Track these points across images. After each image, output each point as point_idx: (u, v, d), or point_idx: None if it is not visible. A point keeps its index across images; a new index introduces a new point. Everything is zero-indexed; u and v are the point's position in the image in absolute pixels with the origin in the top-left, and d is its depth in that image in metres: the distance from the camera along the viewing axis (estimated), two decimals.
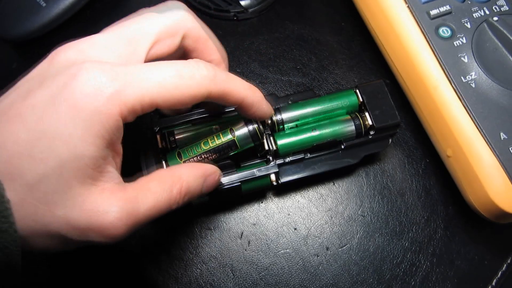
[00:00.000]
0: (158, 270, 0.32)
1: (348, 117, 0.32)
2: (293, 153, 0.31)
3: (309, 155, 0.31)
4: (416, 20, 0.33)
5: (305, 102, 0.32)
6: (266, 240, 0.33)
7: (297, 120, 0.32)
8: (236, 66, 0.39)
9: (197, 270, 0.32)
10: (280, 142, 0.31)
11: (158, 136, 0.30)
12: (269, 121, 0.31)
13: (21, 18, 0.39)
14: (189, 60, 0.24)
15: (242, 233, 0.33)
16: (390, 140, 0.33)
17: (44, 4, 0.39)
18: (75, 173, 0.21)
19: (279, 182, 0.31)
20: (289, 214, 0.34)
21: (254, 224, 0.34)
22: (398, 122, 0.31)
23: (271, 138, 0.31)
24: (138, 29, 0.25)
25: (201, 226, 0.34)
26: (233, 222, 0.34)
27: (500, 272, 0.33)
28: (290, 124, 0.32)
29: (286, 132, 0.31)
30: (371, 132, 0.31)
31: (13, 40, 0.40)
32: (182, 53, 0.28)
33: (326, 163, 0.32)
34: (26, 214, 0.21)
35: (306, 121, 0.32)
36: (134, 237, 0.33)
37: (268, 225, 0.34)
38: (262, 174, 0.30)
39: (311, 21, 0.42)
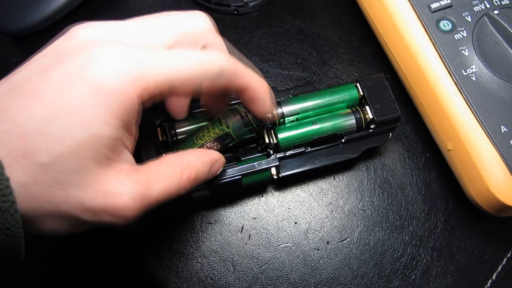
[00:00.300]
0: (159, 264, 0.32)
1: (349, 110, 0.32)
2: (294, 147, 0.31)
3: (309, 149, 0.31)
4: (416, 13, 0.33)
5: (306, 95, 0.32)
6: (267, 234, 0.33)
7: (298, 113, 0.32)
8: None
9: (198, 264, 0.32)
10: (281, 135, 0.31)
11: (158, 130, 0.30)
12: (270, 115, 0.31)
13: (21, 11, 0.39)
14: (211, 50, 0.24)
15: (243, 227, 0.33)
16: (390, 134, 0.33)
17: None
18: (92, 153, 0.21)
19: (280, 175, 0.31)
20: (289, 208, 0.34)
21: (255, 218, 0.34)
22: (398, 116, 0.31)
23: (272, 131, 0.31)
24: (161, 24, 0.25)
25: (202, 220, 0.34)
26: (233, 216, 0.34)
27: (500, 266, 0.33)
28: (291, 118, 0.32)
29: (287, 125, 0.31)
30: (372, 126, 0.31)
31: (14, 34, 0.40)
32: None
33: (327, 157, 0.32)
34: (39, 194, 0.20)
35: (307, 115, 0.32)
36: (134, 230, 0.33)
37: (269, 219, 0.34)
38: (262, 167, 0.30)
39: (311, 15, 0.41)
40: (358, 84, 0.32)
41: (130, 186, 0.22)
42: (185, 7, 0.42)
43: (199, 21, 0.26)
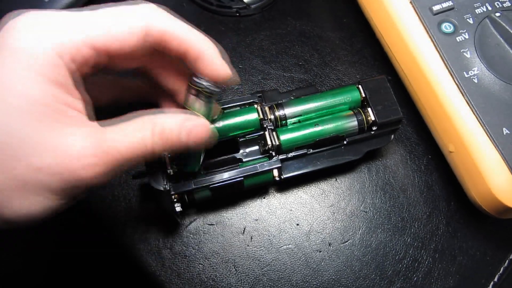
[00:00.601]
0: (161, 266, 0.32)
1: (351, 112, 0.32)
2: (296, 149, 0.31)
3: (311, 150, 0.31)
4: (418, 15, 0.33)
5: (308, 97, 0.32)
6: (269, 236, 0.33)
7: (300, 115, 0.32)
8: (238, 62, 0.39)
9: (200, 265, 0.32)
10: (283, 137, 0.31)
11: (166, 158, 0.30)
12: (272, 116, 0.31)
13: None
14: (137, 4, 0.24)
15: (245, 228, 0.33)
16: (392, 136, 0.33)
17: (46, 0, 0.39)
18: (35, 115, 0.20)
19: (282, 177, 0.31)
20: (291, 210, 0.34)
21: (257, 220, 0.34)
22: (400, 118, 0.31)
23: (274, 133, 0.31)
24: (88, 15, 0.23)
25: (204, 222, 0.34)
26: (235, 218, 0.34)
27: (502, 268, 0.33)
28: (293, 120, 0.32)
29: (289, 127, 0.31)
30: (374, 128, 0.31)
31: None
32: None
33: (329, 158, 0.32)
34: (2, 174, 0.20)
35: (309, 117, 0.32)
36: (136, 232, 0.33)
37: (271, 220, 0.34)
38: (264, 169, 0.30)
39: (313, 18, 0.42)
40: (360, 86, 0.32)
41: (87, 141, 0.21)
42: (187, 9, 0.42)
43: (133, 8, 0.24)
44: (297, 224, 0.34)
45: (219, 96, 0.34)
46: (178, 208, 0.29)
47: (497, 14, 0.32)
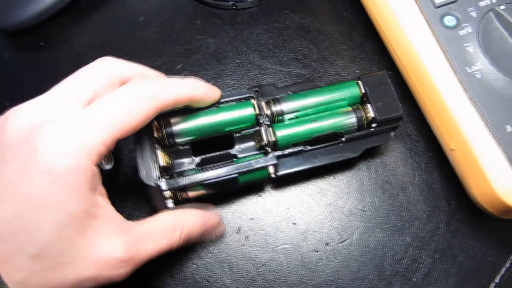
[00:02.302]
0: (154, 266, 0.32)
1: (350, 108, 0.31)
2: (292, 145, 0.30)
3: (308, 147, 0.30)
4: (420, 8, 0.32)
5: (306, 92, 0.31)
6: (264, 235, 0.32)
7: (297, 111, 0.31)
8: (234, 56, 0.38)
9: (193, 265, 0.32)
10: (279, 133, 0.30)
11: (154, 124, 0.29)
12: (269, 112, 0.30)
13: (14, 7, 0.38)
14: (128, 85, 0.25)
15: (240, 227, 0.33)
16: (392, 134, 0.32)
17: None
18: (73, 229, 0.22)
19: (277, 174, 0.30)
20: (288, 209, 0.33)
21: (252, 219, 0.33)
22: (401, 115, 0.30)
23: (270, 129, 0.30)
24: (72, 85, 0.26)
25: None
26: (230, 217, 0.33)
27: (504, 269, 0.32)
28: (290, 116, 0.31)
29: (286, 123, 0.31)
30: (373, 125, 0.30)
31: (6, 29, 0.39)
32: None
33: (326, 156, 0.31)
34: (37, 284, 0.21)
35: (306, 113, 0.31)
36: None
37: (267, 219, 0.33)
38: (260, 165, 0.29)
39: (311, 11, 0.41)
40: (359, 82, 0.31)
41: (123, 249, 0.23)
42: (182, 3, 0.41)
43: (103, 67, 0.27)
44: (294, 223, 0.33)
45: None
46: (170, 205, 0.28)
47: (502, 7, 0.31)
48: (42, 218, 0.21)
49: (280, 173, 0.30)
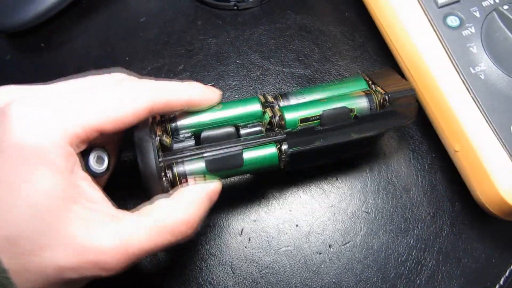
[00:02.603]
0: (156, 268, 0.31)
1: (361, 92, 0.29)
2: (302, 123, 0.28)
3: (320, 128, 0.28)
4: (423, 8, 0.32)
5: (313, 87, 0.30)
6: (267, 237, 0.32)
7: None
8: (236, 57, 0.38)
9: (196, 267, 0.31)
10: (286, 110, 0.28)
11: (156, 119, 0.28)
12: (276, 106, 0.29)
13: (15, 8, 0.38)
14: (123, 82, 0.24)
15: (242, 229, 0.33)
16: (413, 115, 0.29)
17: None
18: (50, 209, 0.20)
19: (288, 152, 0.27)
20: (290, 210, 0.33)
21: (255, 221, 0.33)
22: (413, 93, 0.29)
23: (276, 107, 0.29)
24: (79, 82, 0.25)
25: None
26: (233, 219, 0.33)
27: (508, 271, 0.32)
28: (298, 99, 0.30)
29: (292, 104, 0.29)
30: (387, 104, 0.29)
31: (8, 31, 0.39)
32: None
33: (340, 136, 0.28)
34: (18, 268, 0.20)
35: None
36: None
37: (269, 221, 0.33)
38: (267, 139, 0.27)
39: (313, 11, 0.40)
40: (364, 75, 0.31)
41: (104, 238, 0.21)
42: (183, 3, 0.40)
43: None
44: (297, 225, 0.33)
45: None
46: (165, 184, 0.26)
47: (505, 7, 0.31)
48: (13, 197, 0.20)
49: (290, 150, 0.27)
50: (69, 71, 0.38)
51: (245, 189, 0.33)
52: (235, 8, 0.40)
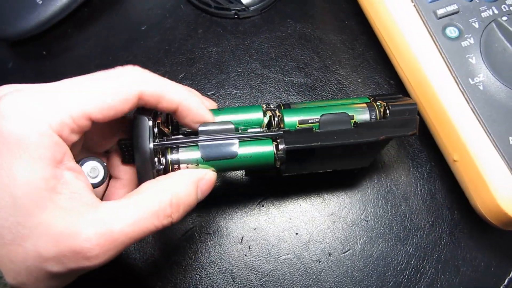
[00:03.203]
0: (157, 276, 0.32)
1: (363, 104, 0.29)
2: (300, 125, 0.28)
3: (318, 131, 0.28)
4: (422, 19, 0.32)
5: (316, 101, 0.30)
6: (267, 245, 0.32)
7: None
8: (236, 65, 0.39)
9: (196, 275, 0.32)
10: (286, 112, 0.28)
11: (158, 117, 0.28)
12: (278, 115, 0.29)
13: (17, 16, 0.38)
14: (115, 68, 0.24)
15: (243, 238, 0.33)
16: (415, 129, 0.28)
17: (40, 2, 0.38)
18: (30, 199, 0.20)
19: (284, 149, 0.27)
20: (290, 219, 0.33)
21: (255, 229, 0.33)
22: (414, 106, 0.28)
23: (276, 110, 0.28)
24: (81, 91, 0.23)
25: (201, 231, 0.33)
26: (233, 227, 0.33)
27: (507, 279, 0.32)
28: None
29: (293, 108, 0.29)
30: (387, 115, 0.28)
31: (9, 38, 0.39)
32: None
33: (338, 140, 0.27)
34: (2, 257, 0.20)
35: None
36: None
37: (269, 229, 0.33)
38: (263, 134, 0.27)
39: (313, 20, 0.41)
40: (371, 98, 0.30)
41: (83, 225, 0.21)
42: (184, 12, 0.41)
43: (122, 77, 0.24)
44: (296, 233, 0.33)
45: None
46: (158, 167, 0.26)
47: (504, 18, 0.31)
48: None
49: (287, 147, 0.26)
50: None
51: (245, 197, 0.33)
52: (235, 16, 0.40)
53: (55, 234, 0.20)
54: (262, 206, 0.34)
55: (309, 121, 0.28)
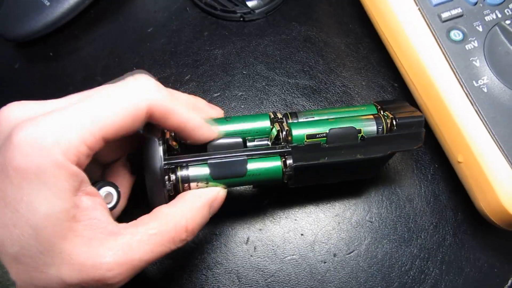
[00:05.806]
0: (162, 276, 0.32)
1: (370, 115, 0.30)
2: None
3: (326, 146, 0.28)
4: (427, 22, 0.32)
5: (324, 108, 0.31)
6: (273, 246, 0.33)
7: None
8: (242, 68, 0.39)
9: (202, 276, 0.32)
10: (294, 126, 0.28)
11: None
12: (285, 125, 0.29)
13: (24, 17, 0.38)
14: (123, 82, 0.24)
15: (248, 238, 0.33)
16: (420, 142, 0.29)
17: (48, 3, 0.38)
18: (51, 230, 0.21)
19: (292, 166, 0.27)
20: (296, 220, 0.34)
21: (260, 230, 0.33)
22: (422, 118, 0.29)
23: (284, 123, 0.29)
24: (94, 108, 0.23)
25: (206, 231, 0.33)
26: (238, 227, 0.33)
27: (510, 280, 0.32)
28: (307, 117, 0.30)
29: (300, 121, 0.29)
30: (394, 128, 0.29)
31: (16, 40, 0.39)
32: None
33: (346, 155, 0.28)
34: (25, 281, 0.21)
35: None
36: None
37: (275, 230, 0.33)
38: (272, 151, 0.27)
39: (318, 23, 0.41)
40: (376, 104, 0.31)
41: (105, 254, 0.22)
42: (190, 14, 0.41)
43: (133, 92, 0.24)
44: (302, 234, 0.33)
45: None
46: (168, 187, 0.26)
47: (507, 22, 0.32)
48: (18, 216, 0.21)
49: (295, 164, 0.27)
50: (77, 80, 0.39)
51: (251, 198, 0.33)
52: (241, 19, 0.41)
53: (78, 263, 0.21)
54: (268, 207, 0.34)
55: (317, 136, 0.28)
